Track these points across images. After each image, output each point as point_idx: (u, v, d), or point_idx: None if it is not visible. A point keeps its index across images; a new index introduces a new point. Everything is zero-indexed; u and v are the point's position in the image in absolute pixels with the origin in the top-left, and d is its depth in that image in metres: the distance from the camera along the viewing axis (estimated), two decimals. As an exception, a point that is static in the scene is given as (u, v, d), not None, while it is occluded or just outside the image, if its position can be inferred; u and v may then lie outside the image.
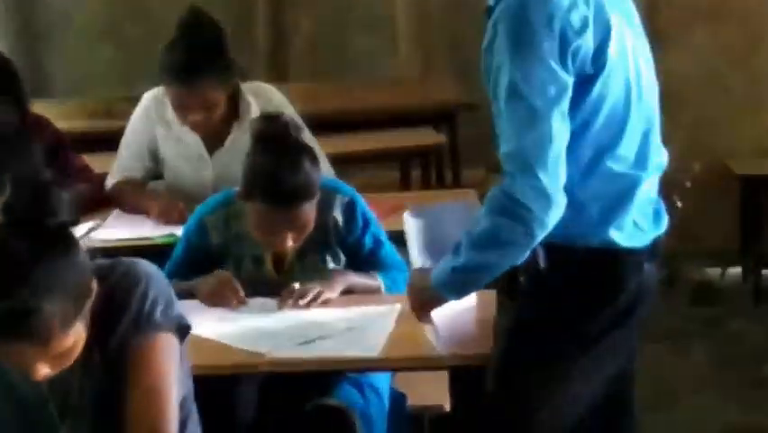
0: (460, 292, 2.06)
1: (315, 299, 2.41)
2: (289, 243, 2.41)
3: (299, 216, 2.40)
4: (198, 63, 2.89)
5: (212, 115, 2.97)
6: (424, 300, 2.12)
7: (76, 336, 1.56)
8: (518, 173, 1.85)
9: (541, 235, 1.87)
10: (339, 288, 2.50)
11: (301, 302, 2.40)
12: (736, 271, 4.84)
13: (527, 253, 1.93)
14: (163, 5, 5.12)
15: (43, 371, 1.55)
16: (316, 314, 2.40)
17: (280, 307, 2.41)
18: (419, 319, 2.15)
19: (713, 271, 4.87)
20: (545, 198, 1.83)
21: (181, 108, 2.96)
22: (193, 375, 1.90)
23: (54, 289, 1.50)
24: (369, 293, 2.55)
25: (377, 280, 2.59)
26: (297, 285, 2.44)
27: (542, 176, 1.82)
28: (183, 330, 1.79)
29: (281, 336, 2.29)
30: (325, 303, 2.45)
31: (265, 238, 2.44)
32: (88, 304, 1.59)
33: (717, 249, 4.91)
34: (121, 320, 1.66)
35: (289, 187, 2.34)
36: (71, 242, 1.57)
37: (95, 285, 1.60)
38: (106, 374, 1.67)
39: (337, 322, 2.37)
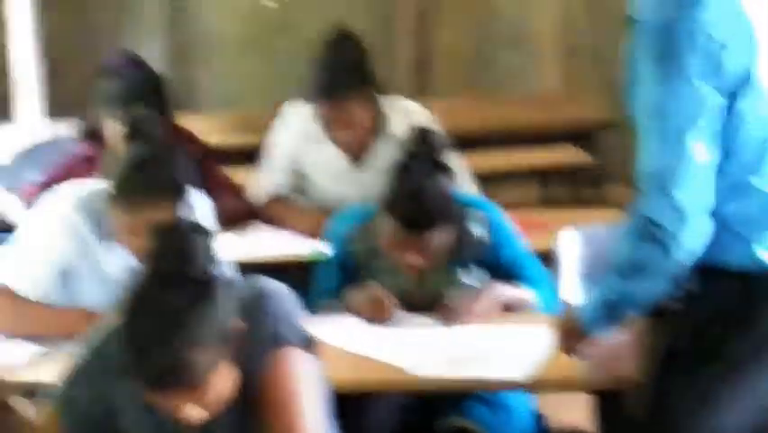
0: (608, 326, 1.99)
1: (470, 314, 2.41)
2: (419, 262, 2.42)
3: (431, 240, 2.40)
4: (345, 81, 2.93)
5: (357, 130, 3.01)
6: (573, 339, 2.06)
7: (226, 377, 1.59)
8: (655, 193, 1.80)
9: (683, 258, 1.80)
10: (494, 302, 2.48)
11: (458, 319, 2.40)
12: None
13: (672, 278, 1.86)
14: (308, 19, 5.21)
15: (196, 414, 1.59)
16: (466, 331, 2.39)
17: (436, 323, 2.42)
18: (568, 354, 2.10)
19: None
20: (682, 218, 1.76)
21: (327, 124, 3.01)
22: (331, 390, 1.89)
23: (204, 337, 1.52)
24: (521, 306, 2.53)
25: (529, 293, 2.55)
26: (451, 301, 2.44)
27: (679, 196, 1.76)
28: (313, 346, 1.80)
29: (428, 353, 2.27)
30: (481, 319, 2.43)
31: (396, 255, 2.46)
32: (234, 345, 1.62)
33: None
34: (252, 343, 1.68)
35: (424, 213, 2.36)
36: (215, 288, 1.58)
37: (239, 325, 1.62)
38: (244, 400, 1.68)
39: (487, 341, 2.35)
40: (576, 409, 2.61)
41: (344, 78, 2.94)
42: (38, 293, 2.46)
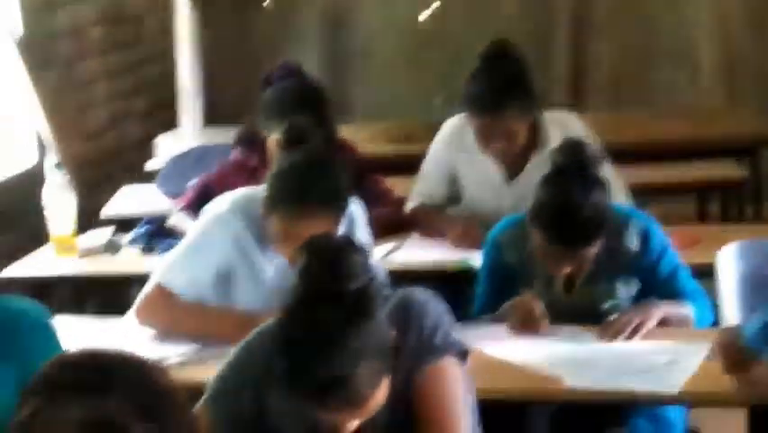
0: None
1: (635, 331, 2.36)
2: (566, 271, 2.42)
3: (581, 254, 2.39)
4: (502, 95, 2.94)
5: (513, 143, 3.02)
6: (738, 360, 2.03)
7: (383, 390, 1.59)
8: None
9: None
10: (656, 318, 2.42)
11: (621, 337, 2.36)
12: None
13: None
14: (465, 31, 5.24)
15: (352, 426, 1.60)
16: (622, 344, 2.37)
17: (601, 338, 2.38)
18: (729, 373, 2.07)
19: None
20: None
21: (483, 137, 3.02)
22: (484, 400, 1.88)
23: (363, 354, 1.52)
24: (679, 322, 2.48)
25: (687, 308, 2.50)
26: (614, 317, 2.42)
27: None
28: (463, 355, 1.79)
29: (584, 365, 2.27)
30: (644, 335, 2.38)
31: (547, 265, 2.45)
32: (390, 358, 1.61)
33: None
34: (403, 353, 1.68)
35: (571, 228, 2.33)
36: (372, 303, 1.57)
37: (393, 335, 1.63)
38: (393, 408, 1.67)
39: (644, 355, 2.32)
40: (731, 427, 2.55)
41: (501, 91, 2.94)
42: (195, 294, 2.52)
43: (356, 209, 2.69)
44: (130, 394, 0.94)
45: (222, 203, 2.55)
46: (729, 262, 2.52)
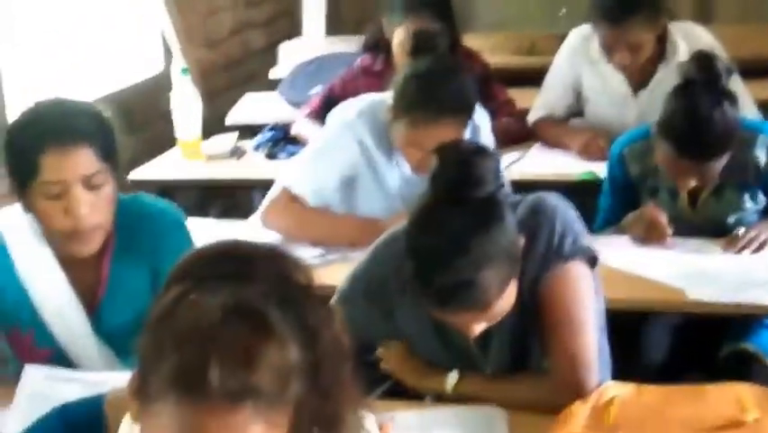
0: None
1: (762, 245, 2.37)
2: (692, 184, 2.40)
3: (708, 167, 2.36)
4: (629, 4, 2.89)
5: (639, 55, 2.97)
6: None
7: (511, 292, 1.64)
8: None
9: None
10: None
11: (748, 250, 2.36)
12: None
13: None
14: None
15: (479, 329, 1.65)
16: (746, 257, 2.36)
17: (726, 250, 2.39)
18: None
19: None
20: None
21: (609, 48, 2.99)
22: (607, 309, 1.91)
23: (491, 258, 1.56)
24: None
25: None
26: (741, 230, 2.41)
27: None
28: (593, 261, 1.81)
29: (708, 277, 2.26)
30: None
31: (673, 177, 2.44)
32: (519, 263, 1.65)
33: None
34: (532, 257, 1.71)
35: (699, 140, 2.29)
36: (501, 208, 1.61)
37: (522, 241, 1.65)
38: (522, 311, 1.72)
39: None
40: None
41: (628, 1, 2.89)
42: (320, 199, 2.56)
43: (481, 117, 2.69)
44: (270, 283, 0.98)
45: (348, 109, 2.58)
46: None
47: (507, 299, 1.64)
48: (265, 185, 2.80)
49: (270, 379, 0.91)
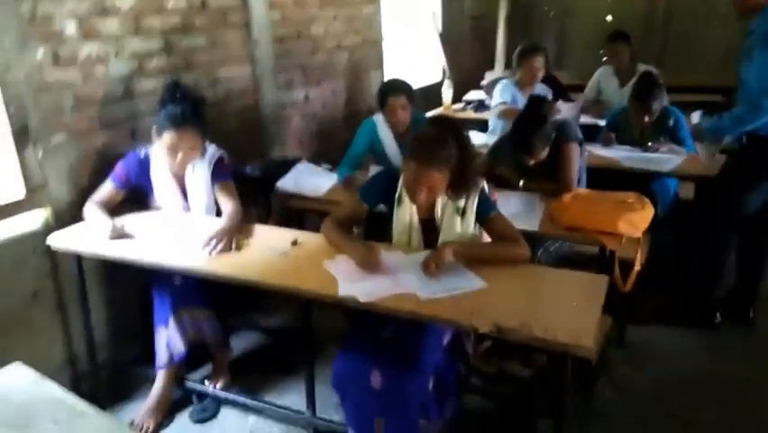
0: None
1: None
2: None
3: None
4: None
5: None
6: (697, 134, 4.66)
7: (546, 151, 4.48)
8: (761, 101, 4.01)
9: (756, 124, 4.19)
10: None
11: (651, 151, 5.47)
12: None
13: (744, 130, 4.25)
14: None
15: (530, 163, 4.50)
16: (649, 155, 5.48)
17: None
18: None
19: None
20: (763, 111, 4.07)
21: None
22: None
23: (543, 134, 4.40)
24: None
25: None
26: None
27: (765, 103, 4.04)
28: (581, 143, 4.69)
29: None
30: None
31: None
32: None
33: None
34: (555, 137, 4.54)
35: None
36: (549, 123, 4.41)
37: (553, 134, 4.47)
38: (549, 160, 4.54)
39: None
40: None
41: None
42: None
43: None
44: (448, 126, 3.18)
45: None
46: None
47: (545, 153, 4.26)
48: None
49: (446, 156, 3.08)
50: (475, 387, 3.87)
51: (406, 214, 3.35)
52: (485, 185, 3.32)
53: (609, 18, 9.34)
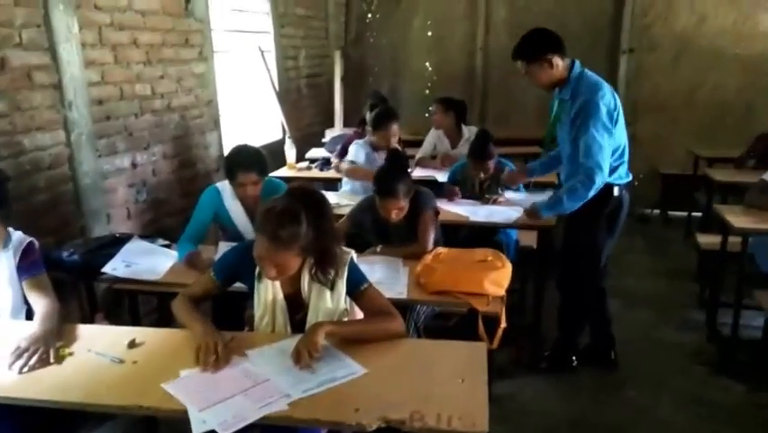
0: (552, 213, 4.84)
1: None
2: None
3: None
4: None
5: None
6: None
7: (406, 205, 4.49)
8: (595, 169, 4.36)
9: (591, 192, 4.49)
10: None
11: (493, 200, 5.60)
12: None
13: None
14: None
15: (395, 215, 4.45)
16: (495, 208, 5.85)
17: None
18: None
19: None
20: (597, 178, 4.40)
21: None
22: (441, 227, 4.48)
23: (405, 185, 4.49)
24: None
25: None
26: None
27: (600, 172, 4.36)
28: (437, 213, 4.87)
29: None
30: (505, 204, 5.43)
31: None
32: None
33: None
34: (418, 202, 4.67)
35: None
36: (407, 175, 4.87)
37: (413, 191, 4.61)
38: (409, 219, 4.51)
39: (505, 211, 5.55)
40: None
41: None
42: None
43: None
44: (307, 201, 2.91)
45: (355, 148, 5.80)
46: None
47: (406, 206, 4.28)
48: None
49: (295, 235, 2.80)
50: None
51: (268, 291, 3.05)
52: (353, 255, 3.06)
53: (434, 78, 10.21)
